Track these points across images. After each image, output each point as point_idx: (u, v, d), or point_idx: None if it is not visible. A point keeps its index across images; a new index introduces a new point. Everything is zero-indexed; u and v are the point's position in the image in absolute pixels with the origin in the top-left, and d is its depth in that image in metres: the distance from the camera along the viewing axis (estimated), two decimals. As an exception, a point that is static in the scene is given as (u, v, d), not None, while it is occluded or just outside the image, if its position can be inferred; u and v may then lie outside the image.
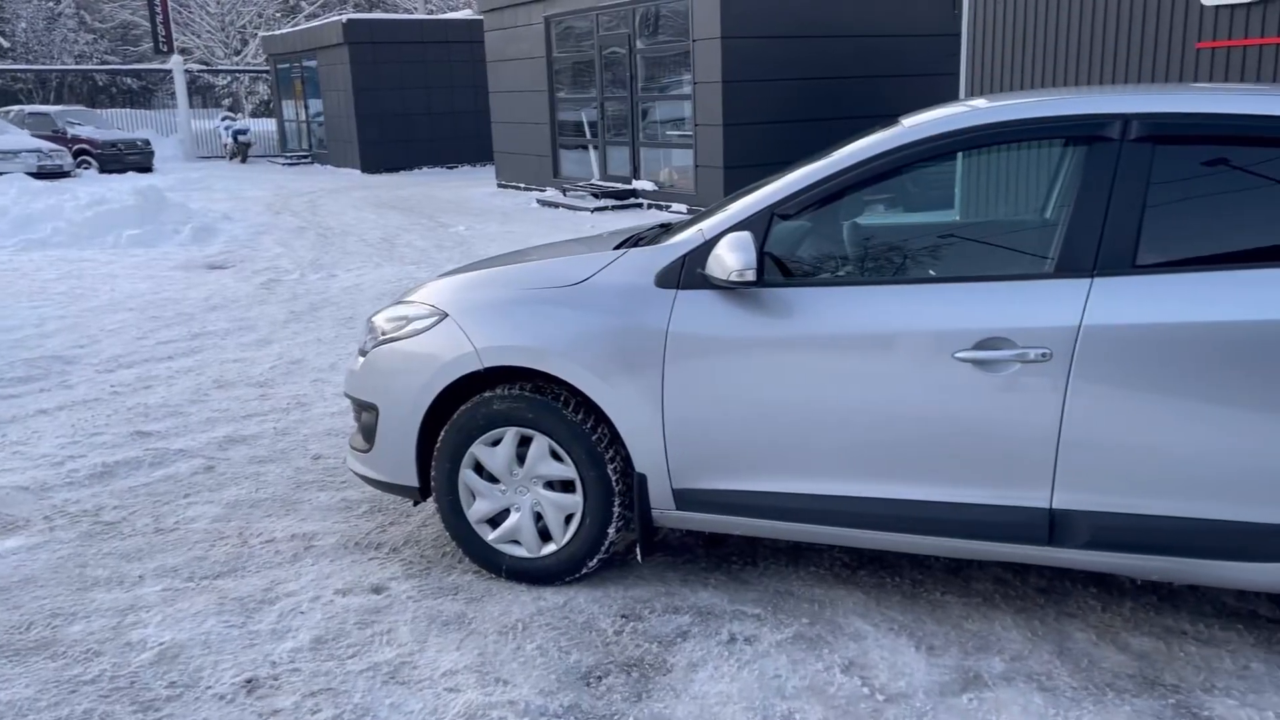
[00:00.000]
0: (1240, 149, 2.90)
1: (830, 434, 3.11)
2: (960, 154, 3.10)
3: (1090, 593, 3.40)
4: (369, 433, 3.69)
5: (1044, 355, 2.86)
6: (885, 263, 3.52)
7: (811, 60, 13.19)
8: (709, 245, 3.18)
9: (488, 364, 3.40)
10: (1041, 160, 5.36)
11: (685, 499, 3.31)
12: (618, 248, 3.51)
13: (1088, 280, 2.87)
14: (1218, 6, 6.38)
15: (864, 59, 13.51)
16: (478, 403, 3.45)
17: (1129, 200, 2.88)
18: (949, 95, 8.92)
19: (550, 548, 3.50)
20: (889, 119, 3.57)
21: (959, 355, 2.94)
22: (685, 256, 3.24)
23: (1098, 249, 2.88)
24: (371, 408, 3.66)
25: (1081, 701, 2.81)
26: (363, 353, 3.76)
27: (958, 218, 7.26)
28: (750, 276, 3.02)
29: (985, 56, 8.21)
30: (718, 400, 3.19)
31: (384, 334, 3.68)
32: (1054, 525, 2.95)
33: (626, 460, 3.38)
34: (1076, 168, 3.01)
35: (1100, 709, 2.78)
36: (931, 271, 3.31)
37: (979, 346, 2.92)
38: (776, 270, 3.24)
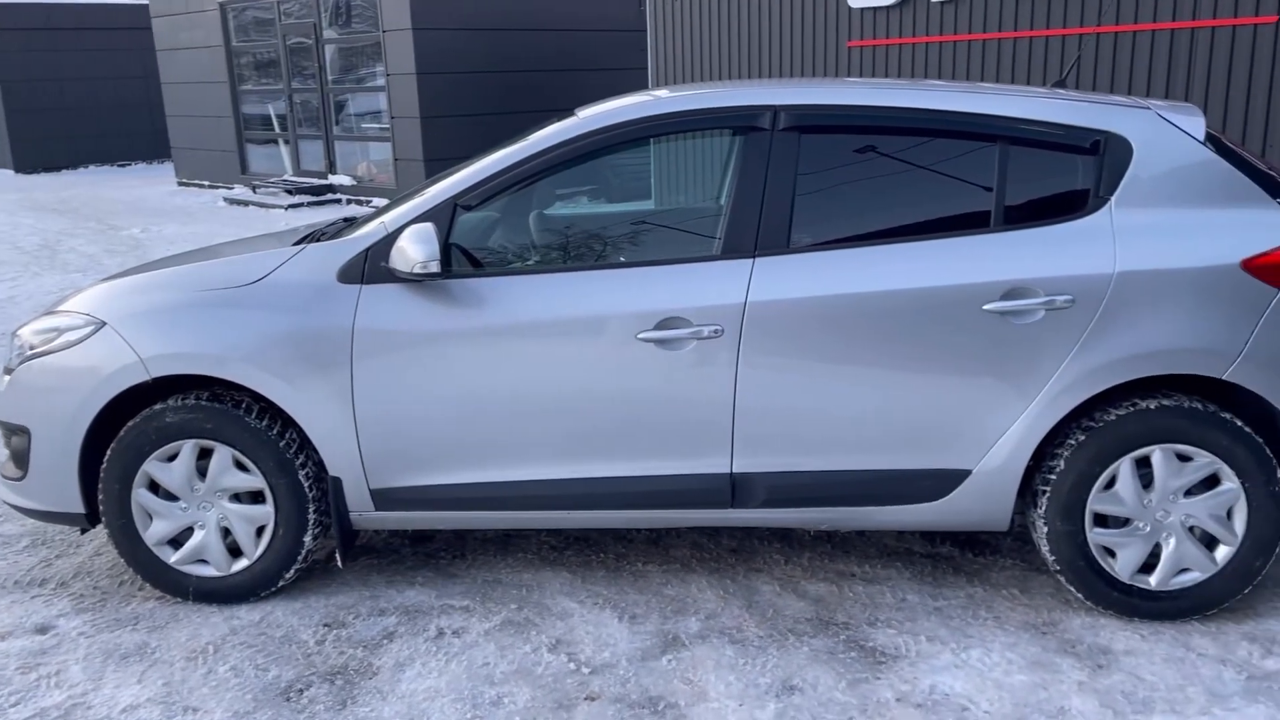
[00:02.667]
0: (875, 137, 3.23)
1: (527, 421, 3.16)
2: (632, 144, 3.23)
3: (775, 548, 3.68)
4: (21, 458, 3.33)
5: (716, 332, 3.06)
6: (571, 251, 3.61)
7: (510, 53, 13.25)
8: (392, 238, 3.13)
9: (156, 374, 3.16)
10: (718, 149, 5.70)
11: (385, 499, 3.25)
12: (297, 244, 3.37)
13: (750, 260, 3.10)
14: (863, 8, 7.06)
15: (561, 53, 13.75)
16: (148, 416, 3.20)
17: (781, 185, 3.13)
18: (639, 88, 9.28)
19: (242, 564, 3.31)
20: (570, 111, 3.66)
21: (641, 336, 3.07)
22: (368, 250, 3.17)
23: (757, 231, 3.11)
24: (22, 431, 3.29)
25: (767, 648, 3.04)
26: (8, 370, 3.37)
27: (652, 206, 7.59)
28: (434, 268, 3.00)
29: (668, 51, 8.61)
30: (412, 396, 3.15)
31: (32, 348, 3.32)
32: (735, 488, 3.17)
33: (319, 464, 3.26)
34: (737, 156, 3.23)
35: (783, 652, 3.02)
36: (615, 258, 3.43)
37: (659, 327, 3.07)
38: (464, 261, 3.25)
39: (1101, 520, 3.10)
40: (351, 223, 3.60)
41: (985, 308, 3.00)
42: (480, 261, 3.29)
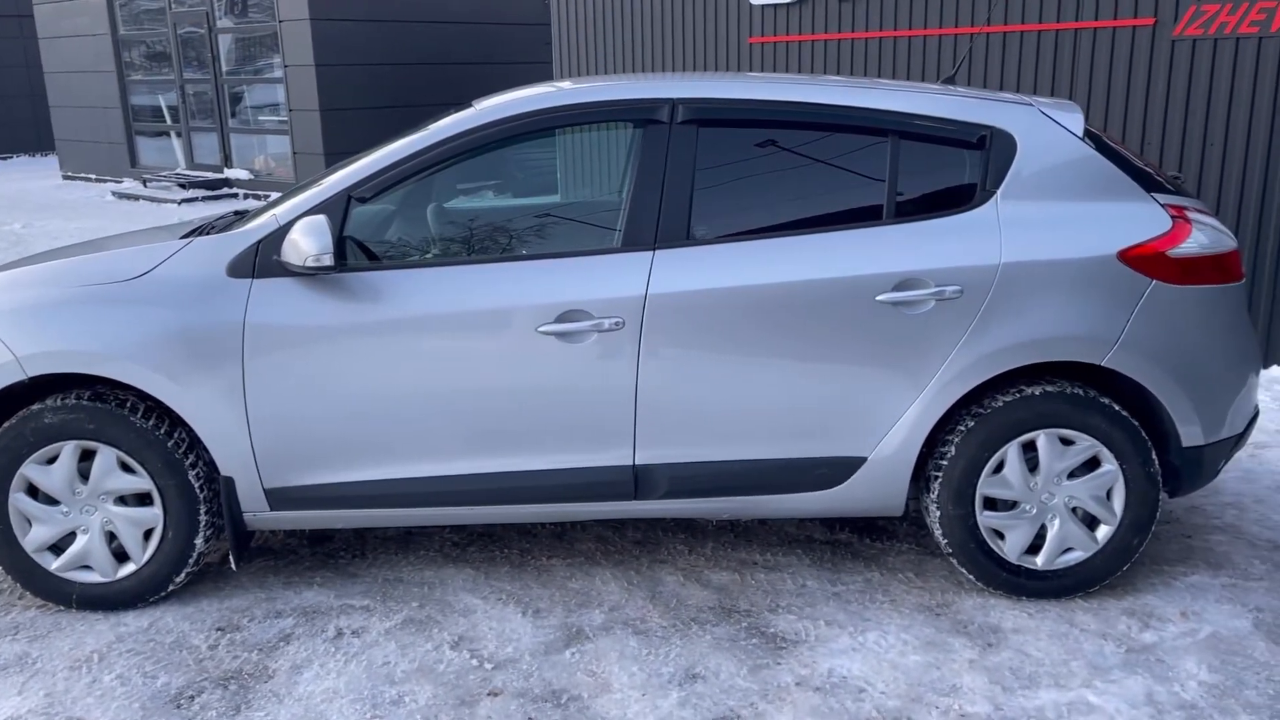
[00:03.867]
0: (772, 131, 3.27)
1: (427, 416, 3.12)
2: (530, 136, 3.21)
3: (679, 538, 3.71)
4: (-113, 464, 3.15)
5: (618, 324, 3.06)
6: (471, 244, 3.57)
7: (413, 46, 13.03)
8: (284, 231, 3.05)
9: (33, 373, 3.03)
10: (621, 143, 5.70)
11: (280, 498, 3.17)
12: (184, 237, 3.26)
13: (650, 253, 3.11)
14: (764, 6, 7.15)
15: (466, 46, 13.58)
16: (25, 417, 3.06)
17: (680, 178, 3.15)
18: (545, 81, 9.22)
19: (129, 568, 3.19)
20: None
21: (542, 329, 3.06)
22: (259, 243, 3.09)
23: (657, 223, 3.13)
24: (-111, 434, 3.12)
25: (670, 638, 3.06)
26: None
27: (557, 200, 7.56)
28: (327, 261, 2.94)
29: (573, 45, 8.58)
30: (307, 392, 3.08)
31: (-105, 348, 3.14)
32: (638, 480, 3.18)
33: (210, 464, 3.17)
34: (636, 149, 3.24)
35: (686, 642, 3.04)
36: (516, 251, 3.41)
37: (560, 319, 3.06)
38: (360, 254, 3.19)
39: (990, 503, 3.20)
40: (242, 216, 3.50)
41: (878, 299, 3.07)
42: (377, 255, 3.23)
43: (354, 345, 3.07)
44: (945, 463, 3.16)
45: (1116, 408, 3.11)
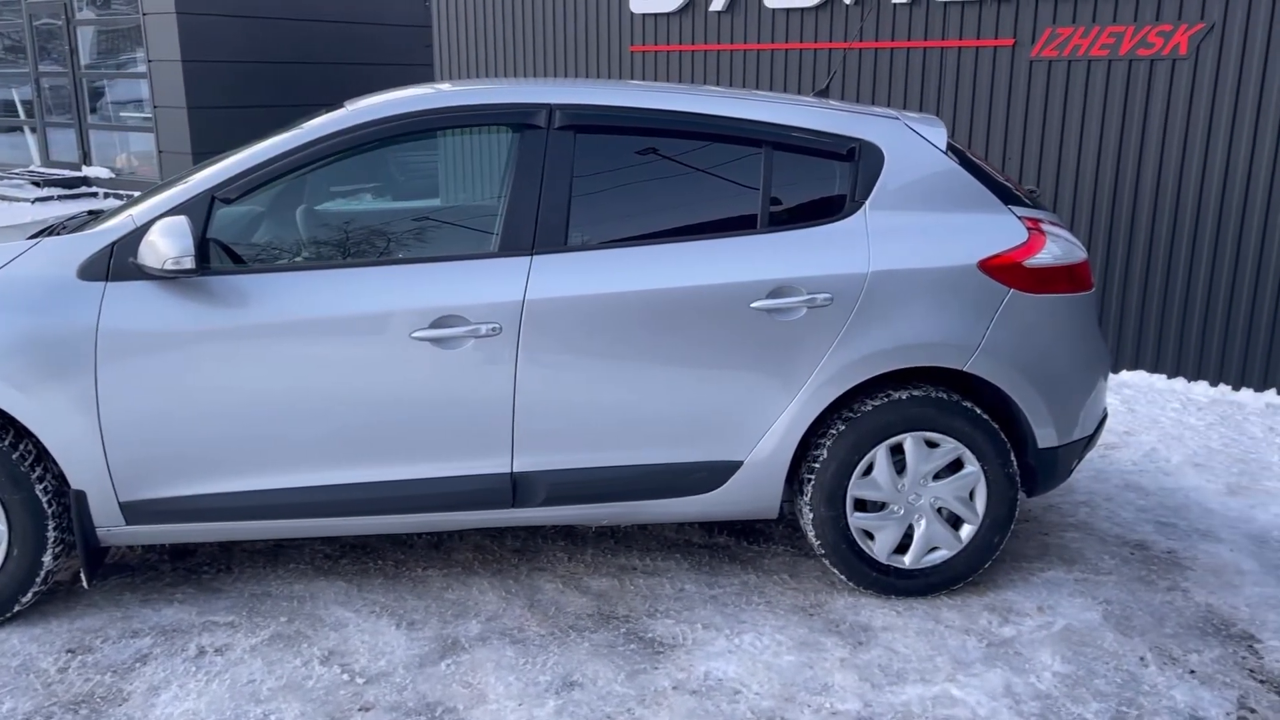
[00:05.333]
0: (649, 138, 3.29)
1: (296, 425, 3.02)
2: (402, 138, 3.15)
3: (559, 545, 3.69)
4: None
5: (495, 330, 3.03)
6: (344, 247, 3.48)
7: (289, 43, 12.65)
8: (141, 232, 2.92)
9: None
10: (502, 147, 5.66)
11: (137, 512, 3.02)
12: (33, 237, 3.08)
13: (528, 258, 3.09)
14: (645, 15, 7.21)
15: (345, 45, 13.26)
16: None
17: (558, 183, 3.14)
18: (427, 83, 9.07)
19: (-31, 589, 3.00)
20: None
21: (416, 335, 3.01)
22: (114, 245, 2.94)
23: (535, 229, 3.11)
24: None
25: (548, 646, 3.04)
26: None
27: (437, 204, 7.45)
28: (188, 264, 2.82)
29: (454, 48, 8.48)
30: (166, 400, 2.95)
31: None
32: (516, 488, 3.15)
33: (60, 477, 3.00)
34: (513, 154, 3.21)
35: (564, 649, 3.03)
36: (390, 254, 3.34)
37: (435, 325, 3.01)
38: (225, 257, 3.07)
39: (861, 505, 3.29)
40: (97, 216, 3.34)
41: (753, 305, 3.12)
42: (243, 258, 3.12)
43: (218, 351, 2.95)
44: (818, 465, 3.23)
45: (978, 411, 3.23)
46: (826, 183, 3.28)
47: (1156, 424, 5.00)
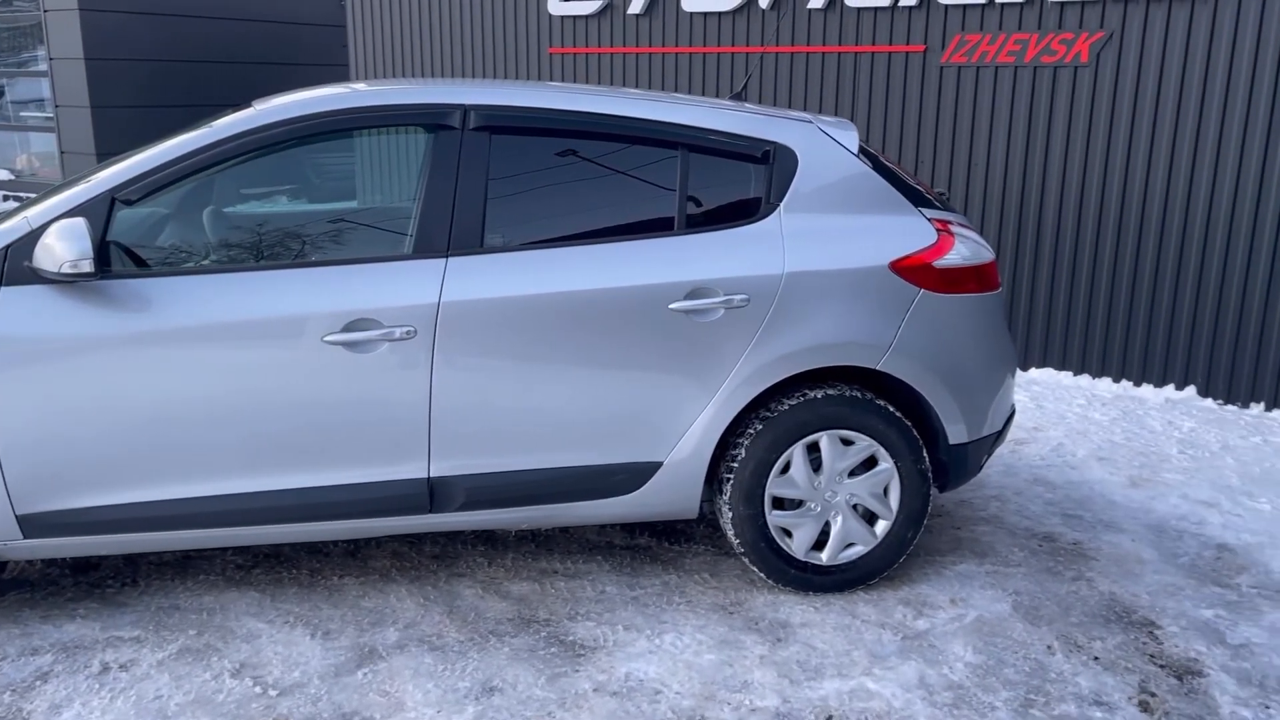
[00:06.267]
0: (566, 140, 3.28)
1: (204, 432, 2.94)
2: (312, 139, 3.09)
3: (479, 551, 3.66)
4: None
5: (409, 333, 2.99)
6: (253, 250, 3.40)
7: (198, 42, 12.31)
8: (36, 235, 2.81)
9: None
10: (419, 148, 5.60)
11: (36, 525, 2.91)
12: (-81, 241, 2.94)
13: (443, 260, 3.06)
14: (563, 17, 7.19)
15: (257, 44, 12.95)
16: None
17: (473, 185, 3.11)
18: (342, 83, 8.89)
19: None
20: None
21: (328, 339, 2.95)
22: (7, 248, 2.83)
23: (450, 230, 3.08)
24: None
25: (468, 652, 3.01)
26: None
27: (354, 206, 7.33)
28: (86, 267, 2.73)
29: (370, 48, 8.35)
30: (64, 409, 2.84)
31: None
32: (433, 493, 3.12)
33: (-48, 490, 2.87)
34: (428, 155, 3.18)
35: (484, 655, 3.00)
36: (301, 257, 3.27)
37: (348, 329, 2.96)
38: (127, 260, 2.98)
39: (779, 503, 3.32)
40: (-10, 218, 3.20)
41: (671, 307, 3.13)
42: (147, 261, 3.03)
43: (119, 358, 2.86)
44: (736, 465, 3.26)
45: (891, 409, 3.29)
46: (742, 185, 3.31)
47: (1063, 420, 5.16)
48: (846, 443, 3.29)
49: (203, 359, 2.91)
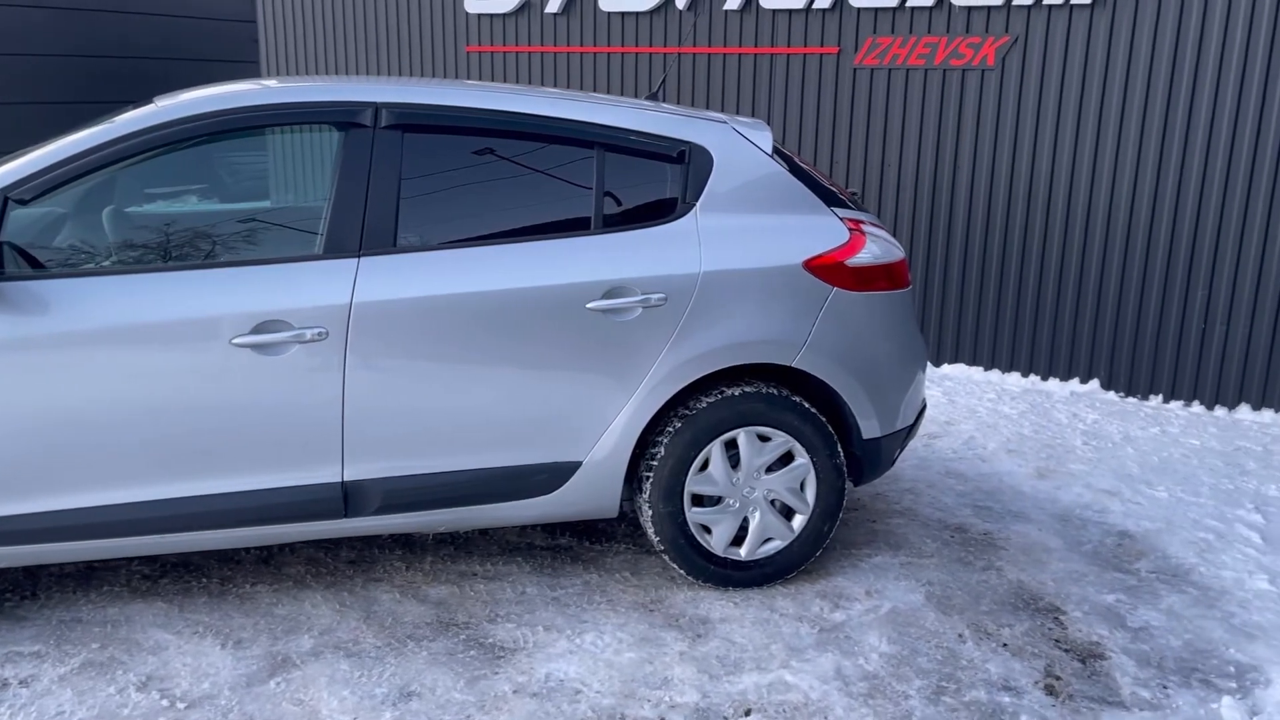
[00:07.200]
0: (481, 139, 3.25)
1: (109, 438, 2.85)
2: (217, 136, 3.01)
3: (396, 555, 3.61)
4: None
5: (320, 334, 2.94)
6: (158, 251, 3.30)
7: (97, 36, 11.90)
8: (-78, 235, 2.69)
9: None
10: (328, 146, 5.50)
11: (-74, 538, 2.78)
12: None
13: (355, 260, 3.01)
14: (480, 15, 7.14)
15: (162, 39, 12.58)
16: None
17: (386, 184, 3.07)
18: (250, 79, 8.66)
19: None
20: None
21: (237, 341, 2.88)
22: (-109, 249, 2.70)
23: (362, 230, 3.03)
24: None
25: (385, 658, 2.97)
26: None
27: (267, 206, 7.17)
28: (-23, 269, 2.62)
29: (281, 44, 8.18)
30: (-44, 416, 2.73)
31: None
32: (348, 497, 3.07)
33: None
34: (339, 153, 3.12)
35: (401, 660, 2.96)
36: (208, 258, 3.18)
37: (257, 330, 2.90)
38: (23, 262, 2.87)
39: (698, 500, 3.35)
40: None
41: (588, 306, 3.13)
42: (43, 262, 2.92)
43: (15, 363, 2.75)
44: (656, 463, 3.27)
45: (806, 405, 3.34)
46: (658, 185, 3.33)
47: (974, 414, 5.30)
48: (764, 439, 3.32)
49: (104, 363, 2.82)
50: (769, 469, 3.36)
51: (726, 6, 6.19)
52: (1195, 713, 2.81)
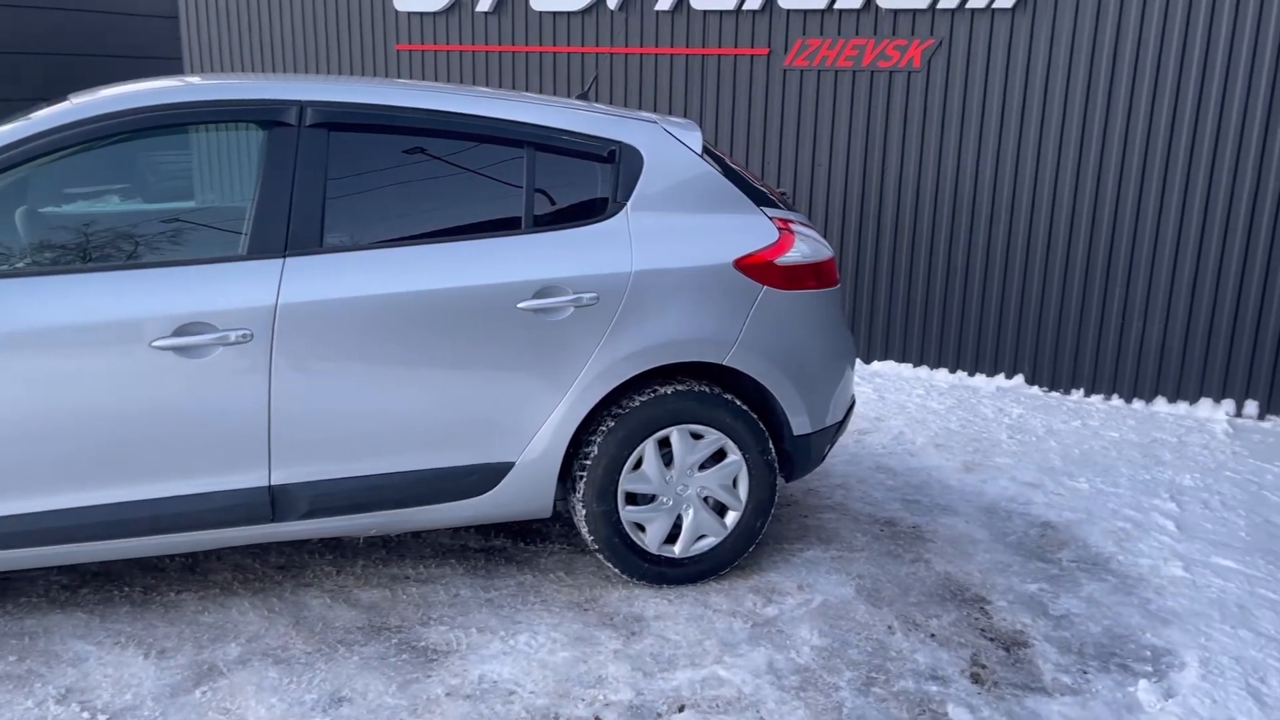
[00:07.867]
0: (409, 138, 3.22)
1: (24, 445, 2.77)
2: (134, 135, 2.94)
3: (327, 559, 3.56)
4: None
5: (245, 336, 2.88)
6: (75, 252, 3.20)
7: (15, 31, 11.52)
8: None
9: None
10: (252, 145, 5.40)
11: None
12: None
13: (280, 261, 2.96)
14: (410, 13, 7.06)
15: (79, 35, 12.22)
16: None
17: (311, 183, 3.03)
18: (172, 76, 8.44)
19: None
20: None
21: (157, 344, 2.82)
22: None
23: (287, 230, 2.98)
24: None
25: (315, 664, 2.93)
26: None
27: (192, 205, 7.00)
28: (-120, 271, 2.52)
29: (206, 41, 8.00)
30: None
31: None
32: (275, 501, 3.01)
33: None
34: (263, 152, 3.07)
35: (332, 665, 2.92)
36: (127, 259, 3.10)
37: (178, 333, 2.84)
38: (-71, 263, 2.77)
39: (632, 498, 3.36)
40: None
41: (519, 306, 3.12)
42: (-49, 264, 2.82)
43: (-78, 368, 2.65)
44: (589, 462, 3.27)
45: (738, 403, 3.37)
46: (589, 184, 3.33)
47: (904, 409, 5.39)
48: (696, 437, 3.35)
49: (16, 368, 2.74)
50: (702, 466, 3.38)
51: (658, 7, 6.22)
52: (1113, 696, 2.90)
